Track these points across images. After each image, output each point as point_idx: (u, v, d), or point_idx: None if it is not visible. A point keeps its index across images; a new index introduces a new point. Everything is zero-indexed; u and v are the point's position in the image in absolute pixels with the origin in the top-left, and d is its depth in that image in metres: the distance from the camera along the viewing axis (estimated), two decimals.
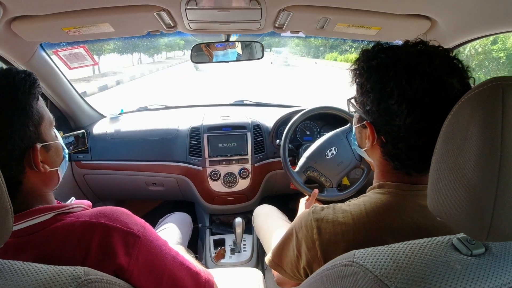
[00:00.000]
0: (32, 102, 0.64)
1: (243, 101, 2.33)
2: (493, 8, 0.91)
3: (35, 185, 0.66)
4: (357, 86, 0.68)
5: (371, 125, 0.66)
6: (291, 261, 0.73)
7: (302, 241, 0.68)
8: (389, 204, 0.63)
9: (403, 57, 0.61)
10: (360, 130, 0.72)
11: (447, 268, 0.43)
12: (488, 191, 0.41)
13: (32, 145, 0.64)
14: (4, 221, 0.45)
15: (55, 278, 0.46)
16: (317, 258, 0.64)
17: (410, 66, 0.59)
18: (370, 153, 0.72)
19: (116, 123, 1.89)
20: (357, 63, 0.67)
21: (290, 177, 1.41)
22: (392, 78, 0.60)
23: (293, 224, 0.73)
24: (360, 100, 0.68)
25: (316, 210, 0.68)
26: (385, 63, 0.62)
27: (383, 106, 0.61)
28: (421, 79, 0.58)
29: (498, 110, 0.40)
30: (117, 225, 0.63)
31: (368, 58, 0.65)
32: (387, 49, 0.64)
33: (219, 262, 1.60)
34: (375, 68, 0.63)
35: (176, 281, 0.71)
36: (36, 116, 0.65)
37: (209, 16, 1.11)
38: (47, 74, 1.47)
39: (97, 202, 1.96)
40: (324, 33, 1.24)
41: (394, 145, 0.63)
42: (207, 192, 1.77)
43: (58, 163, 0.72)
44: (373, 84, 0.63)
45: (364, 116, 0.67)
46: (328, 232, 0.63)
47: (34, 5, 0.94)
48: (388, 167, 0.68)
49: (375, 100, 0.63)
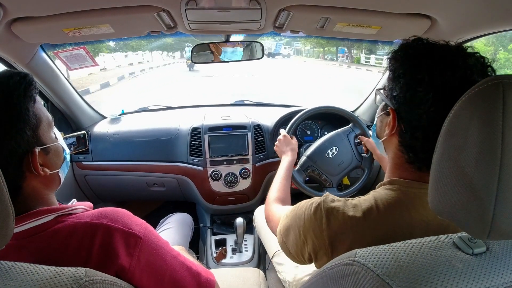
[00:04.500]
0: (29, 105, 0.63)
1: (243, 101, 2.33)
2: (493, 7, 0.91)
3: (36, 188, 0.66)
4: (389, 73, 0.70)
5: (394, 112, 0.67)
6: (296, 244, 0.74)
7: (310, 229, 0.68)
8: (399, 201, 0.64)
9: (440, 51, 0.63)
10: (382, 118, 0.74)
11: (448, 267, 0.43)
12: (489, 189, 0.41)
13: (31, 149, 0.63)
14: (6, 223, 0.45)
15: (57, 279, 0.46)
16: (324, 246, 0.66)
17: (445, 59, 0.61)
18: (387, 144, 0.73)
19: (116, 124, 1.89)
20: (395, 51, 0.69)
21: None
22: (425, 66, 0.62)
23: (301, 209, 0.74)
24: (389, 87, 0.69)
25: (327, 200, 0.68)
26: (421, 52, 0.64)
27: (411, 93, 0.63)
28: (453, 72, 0.59)
29: (499, 108, 0.40)
30: (118, 226, 0.63)
31: (406, 47, 0.67)
32: (426, 43, 0.66)
33: (221, 262, 1.60)
34: (411, 55, 0.65)
35: (177, 282, 0.71)
36: (33, 119, 0.64)
37: (209, 17, 1.11)
38: (48, 76, 1.47)
39: (98, 203, 1.96)
40: (324, 32, 1.23)
41: (412, 134, 0.64)
42: (208, 192, 1.77)
43: (58, 165, 0.72)
44: (406, 69, 0.64)
45: (390, 102, 0.69)
46: (337, 223, 0.64)
47: (35, 6, 0.94)
48: (402, 160, 0.69)
49: (404, 86, 0.64)
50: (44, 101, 1.60)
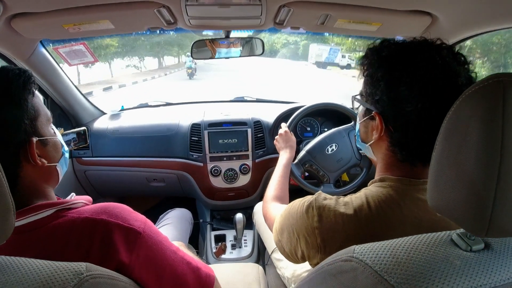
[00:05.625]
0: (27, 97, 0.64)
1: (243, 97, 2.33)
2: (494, 4, 0.91)
3: (34, 179, 0.66)
4: (366, 78, 0.69)
5: (380, 115, 0.67)
6: (290, 242, 0.74)
7: (302, 227, 0.69)
8: (390, 198, 0.64)
9: (412, 47, 0.63)
10: (366, 124, 0.73)
11: (446, 264, 0.43)
12: (488, 187, 0.41)
13: (28, 138, 0.64)
14: (6, 217, 0.45)
15: (57, 273, 0.46)
16: (316, 244, 0.66)
17: (419, 55, 0.61)
18: (375, 146, 0.73)
19: (116, 120, 1.89)
20: (366, 56, 0.69)
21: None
22: (402, 65, 0.62)
23: (294, 208, 0.74)
24: (369, 92, 0.69)
25: (318, 198, 0.69)
26: (395, 53, 0.64)
27: (394, 94, 0.63)
28: (431, 65, 0.60)
29: (499, 106, 0.40)
30: (118, 221, 0.64)
31: (377, 50, 0.67)
32: (395, 43, 0.66)
33: (220, 258, 1.60)
34: (386, 57, 0.65)
35: (177, 277, 0.71)
36: (32, 110, 0.65)
37: (209, 12, 1.10)
38: (48, 71, 1.47)
39: (98, 199, 1.97)
40: (325, 29, 1.23)
41: (403, 133, 0.64)
42: (208, 188, 1.78)
43: (56, 158, 0.72)
44: (384, 72, 0.64)
45: (373, 107, 0.68)
46: (329, 221, 0.64)
47: (34, 2, 0.94)
48: (393, 159, 0.68)
49: (385, 88, 0.64)
50: (44, 97, 1.60)
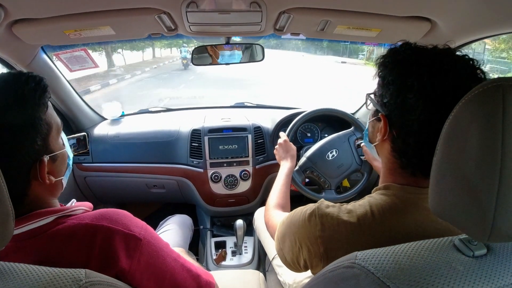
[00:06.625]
0: (41, 114, 0.62)
1: (243, 103, 2.33)
2: (493, 9, 0.91)
3: (40, 195, 0.65)
4: (379, 79, 0.69)
5: (386, 118, 0.67)
6: (292, 251, 0.73)
7: (305, 236, 0.68)
8: (394, 206, 0.63)
9: (428, 55, 0.63)
10: (373, 124, 0.74)
11: (449, 269, 0.43)
12: (490, 192, 0.40)
13: (39, 158, 0.62)
14: (5, 223, 0.45)
15: (56, 280, 0.46)
16: (319, 253, 0.65)
17: (434, 64, 0.60)
18: (380, 148, 0.73)
19: (117, 126, 1.89)
20: (384, 57, 0.69)
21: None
22: (414, 72, 0.61)
23: (296, 216, 0.73)
24: (379, 93, 0.69)
25: (321, 206, 0.68)
26: (410, 58, 0.63)
27: (401, 99, 0.62)
28: (443, 78, 0.59)
29: (499, 111, 0.40)
30: (118, 227, 0.63)
31: (395, 53, 0.67)
32: (415, 48, 0.66)
33: (220, 264, 1.59)
34: (400, 62, 0.65)
35: (177, 284, 0.71)
36: (45, 128, 0.63)
37: (210, 19, 1.11)
38: (48, 77, 1.45)
39: (98, 205, 1.96)
40: (324, 35, 1.24)
41: (404, 140, 0.64)
42: (208, 194, 1.77)
43: (63, 172, 0.71)
44: (395, 76, 0.64)
45: (381, 108, 0.68)
46: (332, 229, 0.64)
47: (36, 8, 0.94)
48: (395, 165, 0.68)
49: (394, 92, 0.64)
50: None
